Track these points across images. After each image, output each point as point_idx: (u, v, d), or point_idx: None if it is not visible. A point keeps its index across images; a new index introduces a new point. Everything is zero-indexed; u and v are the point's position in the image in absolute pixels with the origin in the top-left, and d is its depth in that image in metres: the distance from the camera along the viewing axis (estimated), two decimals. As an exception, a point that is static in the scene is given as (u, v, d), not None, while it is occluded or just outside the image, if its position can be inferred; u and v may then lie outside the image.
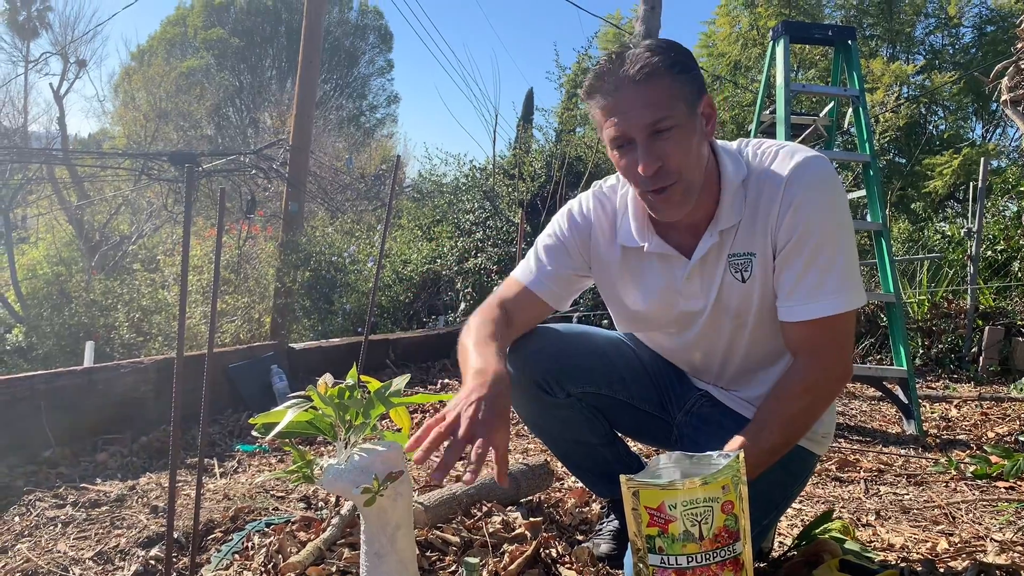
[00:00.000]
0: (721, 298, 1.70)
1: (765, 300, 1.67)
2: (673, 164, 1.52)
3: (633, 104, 1.49)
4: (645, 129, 1.50)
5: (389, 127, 36.07)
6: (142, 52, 32.44)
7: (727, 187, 1.63)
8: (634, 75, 1.49)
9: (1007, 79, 4.93)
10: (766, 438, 1.54)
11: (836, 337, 1.60)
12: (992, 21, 14.36)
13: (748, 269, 1.65)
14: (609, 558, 2.01)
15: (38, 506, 2.67)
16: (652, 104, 1.49)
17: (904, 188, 12.77)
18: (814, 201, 1.57)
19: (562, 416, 1.91)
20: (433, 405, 4.53)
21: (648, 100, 1.49)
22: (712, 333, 1.77)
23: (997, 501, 2.80)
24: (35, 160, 13.58)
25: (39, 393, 3.52)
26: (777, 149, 1.65)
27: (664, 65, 1.49)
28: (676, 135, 1.51)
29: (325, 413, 1.48)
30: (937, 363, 6.51)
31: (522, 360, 1.85)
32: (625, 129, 1.51)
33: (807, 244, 1.57)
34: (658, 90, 1.49)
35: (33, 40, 17.05)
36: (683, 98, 1.51)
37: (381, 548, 1.47)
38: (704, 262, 1.68)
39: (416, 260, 9.00)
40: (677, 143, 1.51)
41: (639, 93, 1.49)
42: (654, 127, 1.49)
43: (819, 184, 1.58)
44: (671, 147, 1.51)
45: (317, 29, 9.85)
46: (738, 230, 1.65)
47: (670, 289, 1.74)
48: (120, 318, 8.58)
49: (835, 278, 1.56)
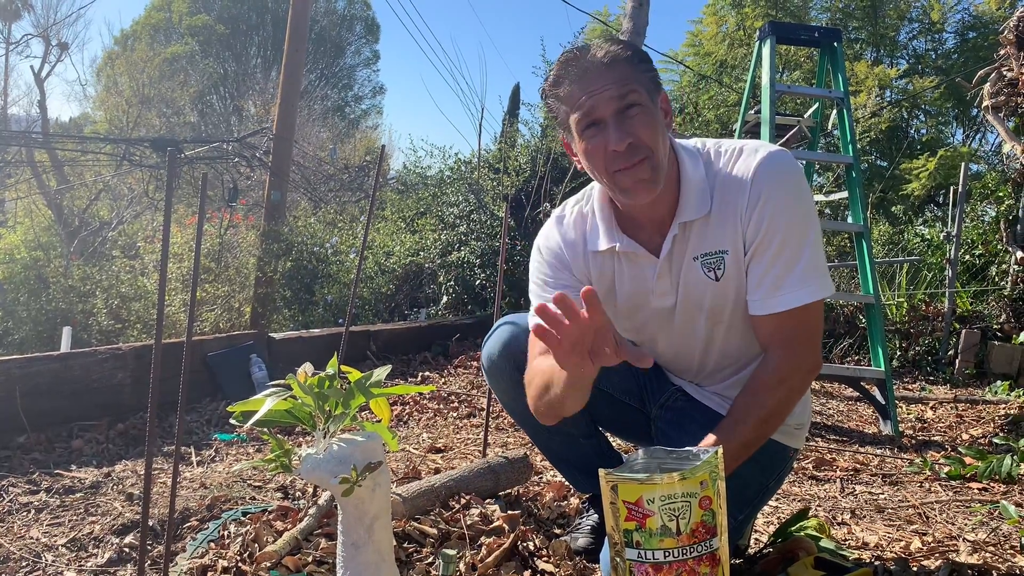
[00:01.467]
0: (690, 294, 1.71)
1: (740, 298, 1.68)
2: (643, 139, 1.55)
3: (601, 83, 1.54)
4: (613, 104, 1.54)
5: (374, 118, 35.93)
6: (125, 37, 32.11)
7: (686, 181, 1.66)
8: (601, 58, 1.55)
9: (989, 85, 4.98)
10: (741, 431, 1.56)
11: (806, 328, 1.62)
12: (974, 27, 14.48)
13: (721, 267, 1.66)
14: (586, 552, 2.01)
15: (11, 492, 2.64)
16: (618, 81, 1.54)
17: (885, 191, 12.87)
18: (779, 195, 1.59)
19: None
20: (413, 397, 4.53)
21: (614, 78, 1.54)
22: (688, 330, 1.77)
23: (970, 502, 2.83)
24: (14, 143, 13.42)
25: (14, 378, 3.48)
26: (740, 146, 1.68)
27: (626, 54, 1.57)
28: (642, 113, 1.55)
29: (304, 402, 1.47)
30: (914, 365, 6.58)
31: (504, 345, 1.86)
32: (594, 106, 1.55)
33: (774, 238, 1.59)
34: (624, 71, 1.55)
35: (15, 22, 16.87)
36: (644, 85, 1.57)
37: (358, 539, 1.47)
38: (671, 258, 1.70)
39: (399, 252, 8.97)
40: (644, 121, 1.55)
41: (607, 72, 1.55)
42: (622, 101, 1.54)
43: (784, 178, 1.60)
44: (639, 124, 1.55)
45: (303, 18, 9.79)
46: (709, 226, 1.65)
47: (643, 287, 1.75)
48: (98, 304, 8.49)
49: (800, 269, 1.59)
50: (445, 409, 4.36)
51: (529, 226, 8.52)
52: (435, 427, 3.96)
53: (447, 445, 3.48)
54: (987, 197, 9.08)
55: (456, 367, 5.70)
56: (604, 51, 1.56)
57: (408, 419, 4.15)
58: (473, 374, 5.46)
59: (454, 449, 3.41)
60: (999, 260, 7.57)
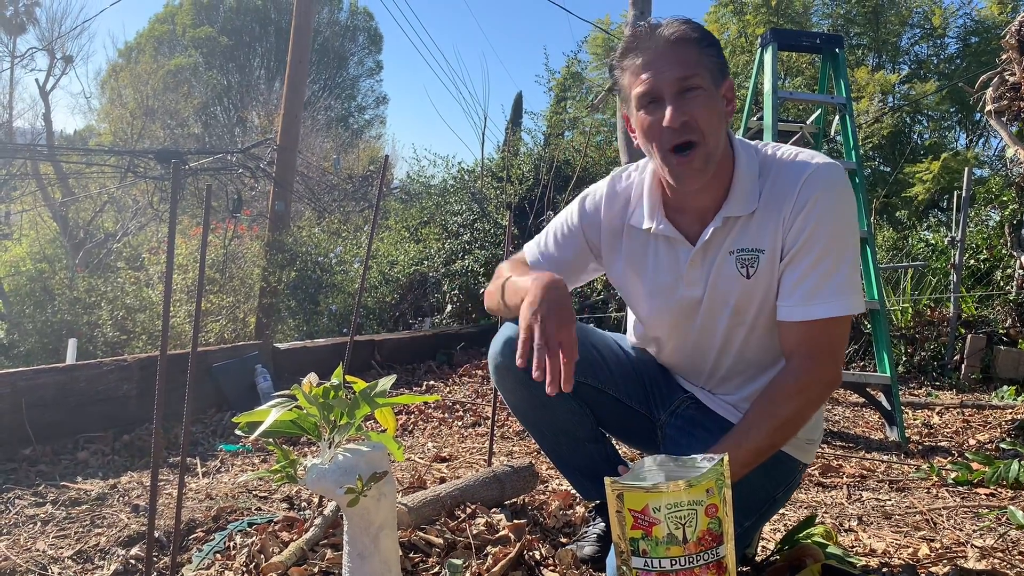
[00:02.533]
0: (719, 288, 1.71)
1: (767, 301, 1.69)
2: (698, 121, 1.57)
3: (666, 61, 1.58)
4: (675, 84, 1.57)
5: (377, 128, 36.04)
6: (129, 49, 32.28)
7: (739, 175, 1.67)
8: (669, 35, 1.59)
9: (991, 90, 4.97)
10: (754, 437, 1.56)
11: (832, 341, 1.62)
12: (976, 32, 14.50)
13: (755, 265, 1.67)
14: (593, 560, 2.01)
15: (17, 504, 2.64)
16: (683, 63, 1.57)
17: (888, 196, 12.86)
18: (826, 205, 1.60)
19: (551, 406, 1.90)
20: (418, 406, 4.53)
21: (680, 59, 1.58)
22: (711, 326, 1.76)
23: (978, 507, 2.82)
24: (20, 156, 13.48)
25: (20, 390, 3.49)
26: (797, 152, 1.69)
27: (696, 36, 1.60)
28: (702, 97, 1.58)
29: (309, 413, 1.47)
30: (920, 370, 6.56)
31: (510, 344, 1.84)
32: (657, 83, 1.58)
33: (814, 247, 1.60)
34: (689, 53, 1.58)
35: (20, 35, 16.94)
36: (709, 69, 1.60)
37: (364, 549, 1.46)
38: (707, 248, 1.70)
39: (403, 261, 8.98)
40: (703, 104, 1.58)
41: (672, 52, 1.58)
42: (684, 83, 1.57)
43: (833, 190, 1.61)
44: (697, 107, 1.57)
45: (306, 29, 9.83)
46: (751, 223, 1.67)
47: (673, 273, 1.76)
48: (104, 316, 8.51)
49: (836, 282, 1.59)
50: (450, 418, 4.35)
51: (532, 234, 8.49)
52: (440, 436, 3.96)
53: (452, 454, 3.47)
54: (991, 202, 9.07)
55: (461, 376, 5.69)
56: (673, 29, 1.59)
57: (413, 428, 4.15)
58: (478, 383, 5.46)
59: (459, 458, 3.40)
60: (1004, 265, 7.55)
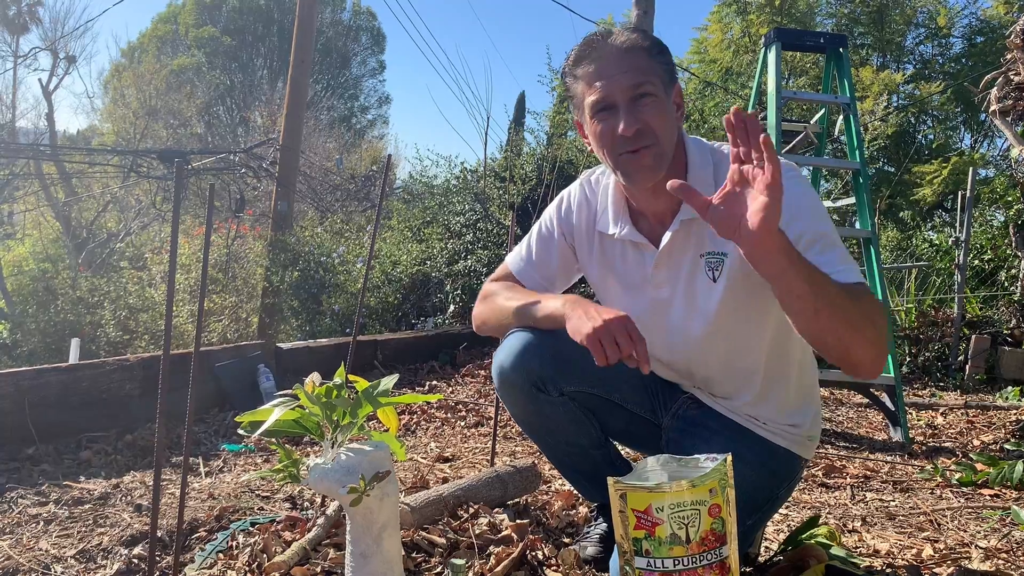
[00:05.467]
0: (689, 292, 1.73)
1: (729, 303, 1.68)
2: (652, 127, 1.60)
3: (618, 68, 1.62)
4: (628, 91, 1.61)
5: (380, 128, 36.07)
6: (132, 49, 32.32)
7: (693, 177, 1.69)
8: (620, 44, 1.64)
9: (996, 89, 4.96)
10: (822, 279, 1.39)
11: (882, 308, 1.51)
12: (982, 32, 14.48)
13: (719, 268, 1.68)
14: (595, 561, 2.00)
15: (20, 503, 2.64)
16: (635, 70, 1.61)
17: (893, 196, 12.85)
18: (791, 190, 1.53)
19: (555, 415, 1.89)
20: (421, 406, 4.53)
21: (632, 66, 1.61)
22: (686, 329, 1.77)
23: (982, 508, 2.81)
24: (23, 156, 13.50)
25: (23, 390, 3.49)
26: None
27: (645, 44, 1.65)
28: (654, 103, 1.61)
29: (312, 412, 1.47)
30: (924, 371, 6.54)
31: (517, 357, 1.82)
32: (609, 91, 1.61)
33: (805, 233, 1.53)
34: (640, 61, 1.63)
35: (23, 35, 16.98)
36: (660, 76, 1.64)
37: (367, 548, 1.46)
38: (671, 251, 1.72)
39: (405, 261, 8.98)
40: (655, 110, 1.61)
41: (624, 60, 1.62)
42: (636, 90, 1.60)
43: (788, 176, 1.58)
44: (650, 113, 1.61)
45: (309, 29, 9.83)
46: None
47: (641, 275, 1.79)
48: (106, 316, 8.52)
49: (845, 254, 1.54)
50: (453, 418, 4.35)
51: (535, 234, 8.50)
52: (443, 436, 3.96)
53: (455, 454, 3.47)
54: (996, 202, 9.06)
55: (463, 376, 5.69)
56: (624, 38, 1.64)
57: (416, 428, 4.15)
58: (481, 383, 5.45)
59: (462, 458, 3.40)
60: (1008, 265, 7.54)
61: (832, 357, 1.47)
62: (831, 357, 1.47)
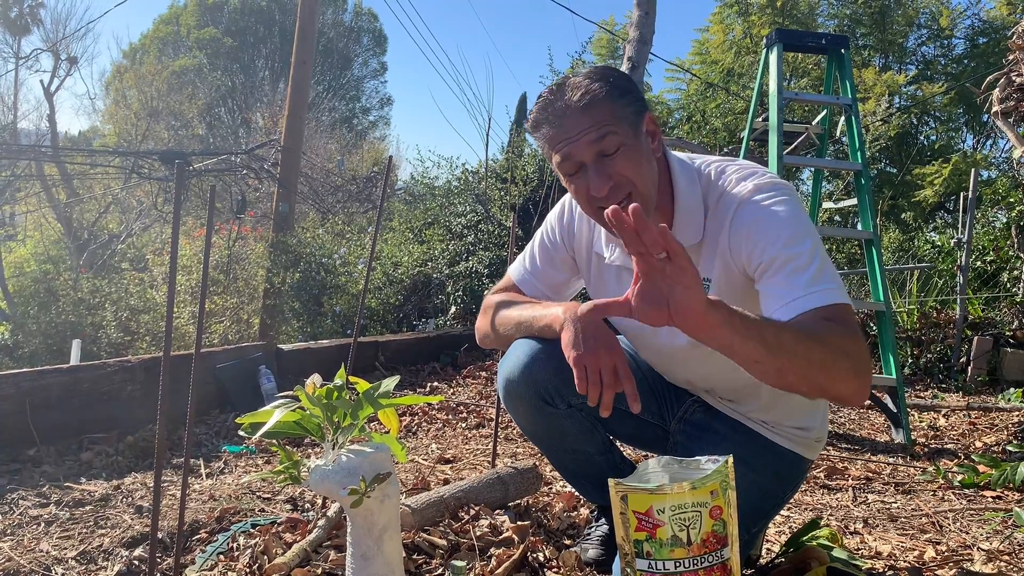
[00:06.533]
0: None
1: None
2: (624, 178, 1.53)
3: (578, 127, 1.52)
4: (592, 147, 1.52)
5: (382, 129, 36.07)
6: (134, 50, 32.34)
7: (680, 206, 1.63)
8: (577, 100, 1.52)
9: (998, 90, 4.96)
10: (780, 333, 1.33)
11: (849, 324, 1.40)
12: (984, 33, 14.47)
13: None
14: (597, 563, 2.00)
15: (21, 505, 2.64)
16: (596, 124, 1.51)
17: (895, 198, 12.84)
18: (766, 217, 1.52)
19: (562, 426, 1.88)
20: (422, 408, 4.53)
21: (592, 122, 1.51)
22: (675, 353, 1.77)
23: (984, 510, 2.81)
24: (24, 157, 13.52)
25: (24, 391, 3.49)
26: (737, 174, 1.61)
27: (604, 90, 1.53)
28: (624, 153, 1.53)
29: (313, 414, 1.47)
30: (926, 372, 6.53)
31: (523, 369, 1.80)
32: (573, 151, 1.53)
33: (773, 262, 1.48)
34: (602, 112, 1.52)
35: (24, 36, 17.00)
36: (626, 119, 1.54)
37: (367, 550, 1.46)
38: None
39: (407, 263, 8.98)
40: (626, 160, 1.53)
41: (583, 117, 1.52)
42: (600, 146, 1.51)
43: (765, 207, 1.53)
44: (620, 164, 1.52)
45: (310, 30, 9.83)
46: (700, 253, 1.62)
47: None
48: (108, 317, 8.52)
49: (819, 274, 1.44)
50: (454, 420, 4.35)
51: (537, 235, 8.50)
52: (444, 438, 3.95)
53: (456, 456, 3.47)
54: (998, 203, 9.05)
55: (465, 377, 5.69)
56: (580, 92, 1.52)
57: (417, 430, 4.14)
58: (482, 384, 5.45)
59: (463, 460, 3.40)
60: (1010, 266, 7.53)
61: (813, 397, 1.45)
62: (813, 397, 1.43)
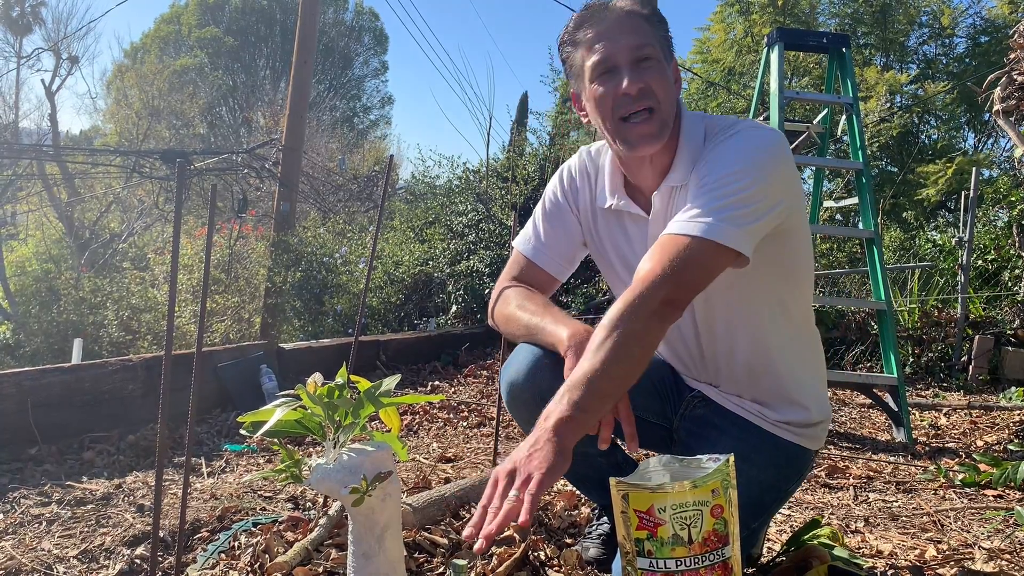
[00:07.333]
0: None
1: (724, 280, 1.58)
2: (654, 89, 1.59)
3: (621, 31, 1.61)
4: (630, 52, 1.59)
5: (383, 129, 36.06)
6: (135, 50, 32.36)
7: (682, 147, 1.67)
8: (622, 8, 1.63)
9: (999, 89, 4.95)
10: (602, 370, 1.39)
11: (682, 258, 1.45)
12: (986, 32, 14.44)
13: None
14: (598, 562, 2.00)
15: (23, 503, 2.65)
16: (637, 32, 1.61)
17: (896, 197, 12.83)
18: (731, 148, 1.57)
19: None
20: (423, 407, 4.53)
21: (634, 29, 1.61)
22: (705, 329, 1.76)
23: (985, 509, 2.81)
24: (25, 156, 13.53)
25: (25, 390, 3.50)
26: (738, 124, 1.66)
27: (647, 12, 1.65)
28: (656, 67, 1.60)
29: (314, 412, 1.47)
30: (927, 371, 6.53)
31: (527, 374, 1.80)
32: (611, 52, 1.60)
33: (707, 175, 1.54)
34: (642, 25, 1.62)
35: (26, 36, 17.02)
36: (659, 44, 1.63)
37: (369, 549, 1.46)
38: (658, 221, 1.69)
39: (408, 262, 8.98)
40: (657, 73, 1.60)
41: (625, 23, 1.61)
42: (638, 52, 1.59)
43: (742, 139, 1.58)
44: (652, 75, 1.59)
45: (312, 30, 9.83)
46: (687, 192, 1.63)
47: (641, 248, 1.73)
48: (109, 316, 8.53)
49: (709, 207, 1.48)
50: (455, 418, 4.35)
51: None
52: (445, 437, 3.95)
53: (457, 455, 3.47)
54: (999, 202, 9.04)
55: (466, 376, 5.69)
56: (625, 3, 1.63)
57: (418, 429, 4.15)
58: (483, 383, 5.45)
59: (464, 459, 3.40)
60: (1012, 265, 7.51)
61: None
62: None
